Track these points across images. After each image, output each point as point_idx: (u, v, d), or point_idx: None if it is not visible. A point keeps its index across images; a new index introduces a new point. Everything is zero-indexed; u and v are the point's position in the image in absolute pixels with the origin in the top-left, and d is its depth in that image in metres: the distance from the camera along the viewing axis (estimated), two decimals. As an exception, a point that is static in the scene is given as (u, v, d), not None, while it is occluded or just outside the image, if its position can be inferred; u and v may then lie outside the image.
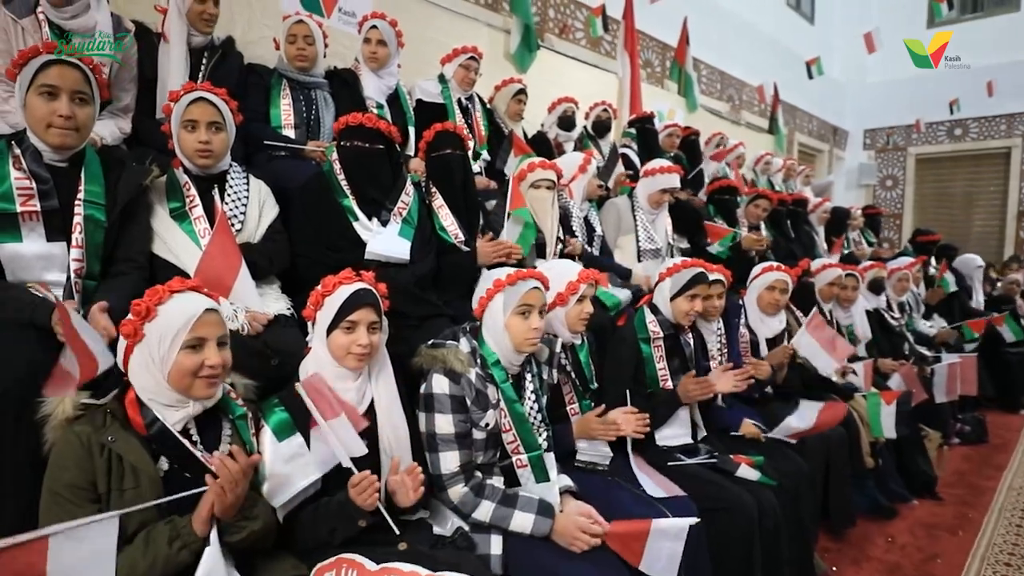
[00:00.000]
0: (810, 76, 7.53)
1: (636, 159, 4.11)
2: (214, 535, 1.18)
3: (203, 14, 2.31)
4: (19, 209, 1.52)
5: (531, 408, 1.77)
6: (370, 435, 1.51)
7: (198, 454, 1.27)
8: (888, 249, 5.78)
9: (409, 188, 2.18)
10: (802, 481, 2.36)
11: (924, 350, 4.34)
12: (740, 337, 2.85)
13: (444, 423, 1.62)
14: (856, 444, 2.95)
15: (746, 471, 2.12)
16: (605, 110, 4.12)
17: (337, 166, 2.08)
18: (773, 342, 2.90)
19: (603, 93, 4.97)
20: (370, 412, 1.53)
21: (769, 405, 2.77)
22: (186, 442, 1.25)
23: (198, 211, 1.78)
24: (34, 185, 1.54)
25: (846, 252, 5.32)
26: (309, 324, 1.54)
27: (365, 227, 2.04)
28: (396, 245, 2.05)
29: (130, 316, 1.24)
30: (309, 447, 1.41)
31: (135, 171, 1.72)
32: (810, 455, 2.54)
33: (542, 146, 3.60)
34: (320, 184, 2.07)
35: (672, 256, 3.39)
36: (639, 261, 3.23)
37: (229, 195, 1.88)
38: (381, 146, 2.14)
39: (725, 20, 8.25)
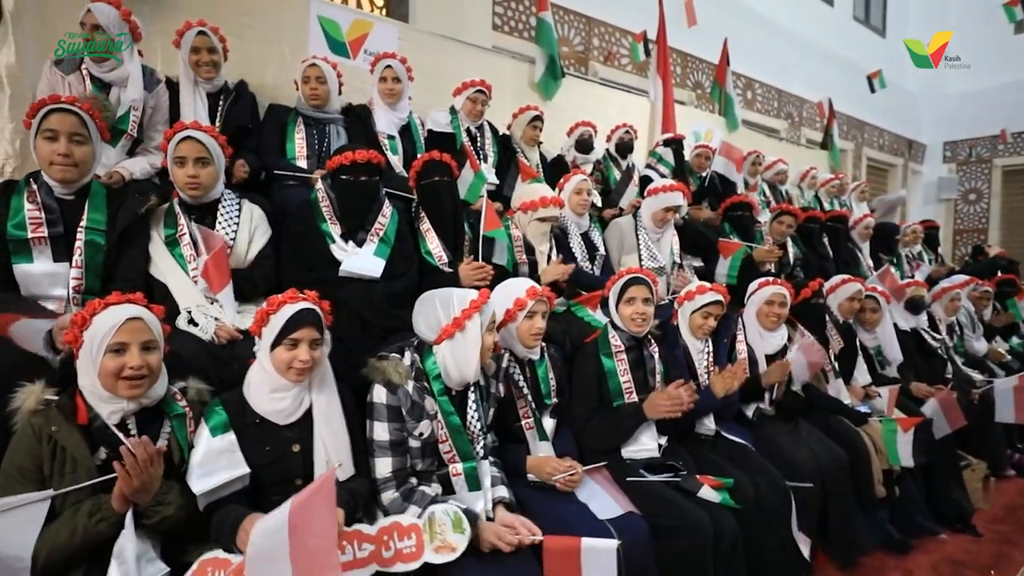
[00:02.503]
0: (872, 90, 7.01)
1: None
2: (129, 517, 1.28)
3: (199, 64, 2.50)
4: (30, 235, 1.73)
5: (472, 419, 1.77)
6: (305, 440, 1.58)
7: (127, 443, 1.35)
8: (944, 268, 5.22)
9: (387, 210, 2.25)
10: (783, 499, 2.20)
11: (976, 373, 3.89)
12: (738, 353, 2.70)
13: (381, 430, 1.66)
14: (866, 471, 2.69)
15: (708, 492, 2.00)
16: (627, 132, 4.05)
17: (321, 194, 2.19)
18: (773, 358, 2.72)
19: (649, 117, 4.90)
20: (307, 418, 1.59)
21: (765, 428, 2.59)
22: (120, 435, 1.36)
23: (187, 239, 1.93)
24: (43, 215, 1.75)
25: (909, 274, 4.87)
26: (256, 338, 1.61)
27: (341, 248, 2.13)
28: (369, 263, 2.12)
29: (73, 327, 1.37)
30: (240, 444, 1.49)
31: (134, 201, 1.91)
32: (800, 478, 2.35)
33: (559, 169, 3.59)
34: (304, 211, 2.19)
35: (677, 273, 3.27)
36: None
37: (221, 222, 2.02)
38: (376, 177, 2.24)
39: (783, 39, 7.92)
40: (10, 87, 2.42)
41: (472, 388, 1.79)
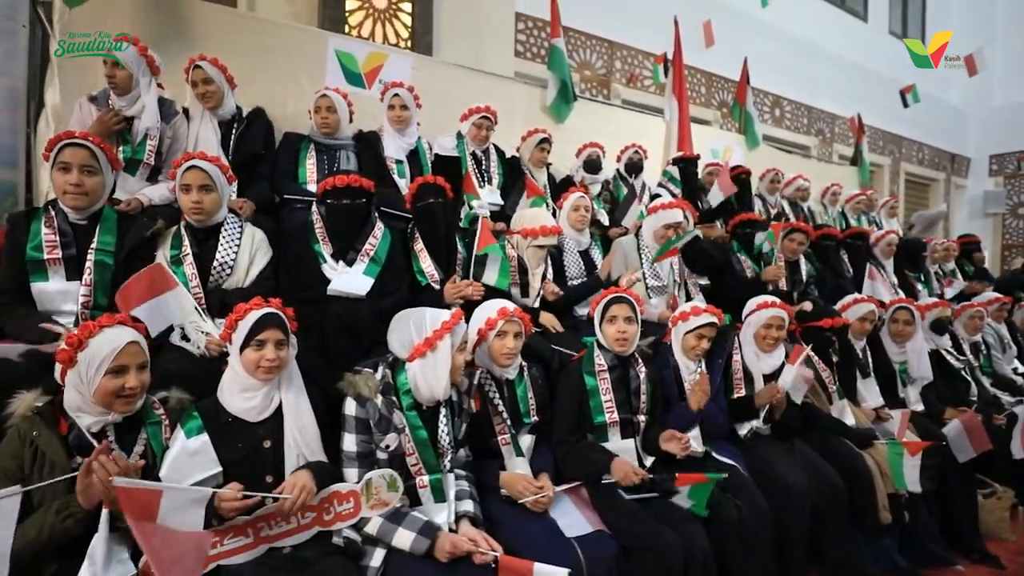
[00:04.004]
0: (905, 104, 6.69)
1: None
2: (104, 518, 1.32)
3: (201, 95, 2.60)
4: (46, 256, 1.86)
5: (442, 433, 1.77)
6: (276, 435, 1.62)
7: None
8: (980, 284, 4.87)
9: (378, 231, 2.30)
10: (764, 523, 2.09)
11: (1006, 395, 3.61)
12: (734, 373, 2.60)
13: (349, 442, 1.69)
14: (868, 495, 2.53)
15: (681, 499, 1.94)
16: (637, 152, 4.01)
17: (315, 217, 2.26)
18: (771, 377, 2.60)
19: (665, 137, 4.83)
20: (277, 415, 1.64)
21: (758, 448, 2.47)
22: (95, 443, 1.42)
23: (189, 259, 2.03)
24: (58, 238, 1.87)
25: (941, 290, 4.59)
26: (228, 344, 1.67)
27: (331, 268, 2.18)
28: (356, 282, 2.17)
29: (64, 346, 1.45)
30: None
31: (142, 224, 2.03)
32: (790, 501, 2.23)
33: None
34: (301, 233, 2.26)
35: (680, 292, 3.19)
36: (648, 298, 3.08)
37: (223, 243, 2.10)
38: (363, 200, 2.30)
39: (814, 56, 7.68)
40: (54, 122, 2.61)
41: (443, 403, 1.79)
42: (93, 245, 1.91)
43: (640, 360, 2.26)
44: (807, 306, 3.44)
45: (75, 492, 1.36)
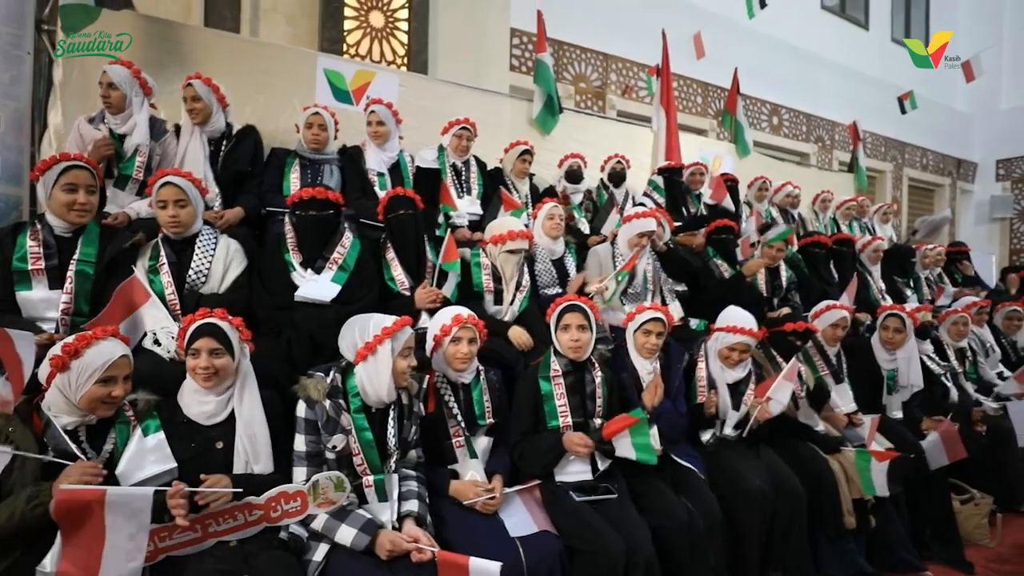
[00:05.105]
0: (903, 111, 6.56)
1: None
2: None
3: (188, 111, 2.67)
4: (30, 267, 1.95)
5: (391, 435, 1.80)
6: (228, 438, 1.68)
7: (74, 448, 1.52)
8: (973, 290, 4.75)
9: (346, 240, 2.35)
10: (714, 526, 2.08)
11: (989, 400, 3.51)
12: (698, 380, 2.58)
13: (299, 442, 1.73)
14: (833, 501, 2.49)
15: (625, 449, 2.02)
16: (619, 161, 4.02)
17: (287, 227, 2.33)
18: (735, 386, 2.58)
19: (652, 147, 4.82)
20: (231, 420, 1.70)
21: (721, 453, 2.44)
22: (68, 439, 1.50)
23: (165, 268, 2.11)
24: (41, 250, 1.96)
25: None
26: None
27: (300, 275, 2.25)
28: (323, 289, 2.22)
29: (59, 352, 1.54)
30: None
31: (122, 236, 2.11)
32: (748, 506, 2.22)
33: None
34: (274, 242, 2.33)
35: (656, 298, 3.18)
36: (623, 305, 3.07)
37: (197, 253, 2.18)
38: (332, 211, 2.36)
39: (814, 64, 7.58)
40: (56, 142, 2.74)
41: (393, 406, 1.83)
42: (75, 256, 1.99)
43: (597, 365, 2.27)
44: (785, 311, 3.42)
45: (47, 481, 1.44)
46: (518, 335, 2.55)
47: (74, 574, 1.31)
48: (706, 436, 2.49)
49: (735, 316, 2.58)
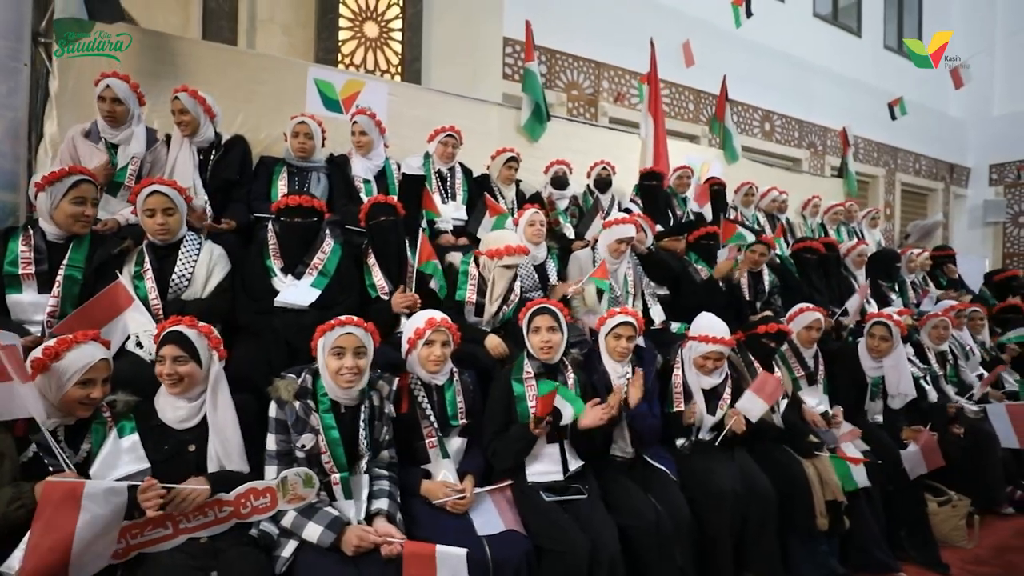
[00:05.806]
0: (893, 117, 6.55)
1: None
2: None
3: (177, 124, 2.73)
4: (21, 271, 2.00)
5: (361, 435, 1.83)
6: (200, 442, 1.71)
7: (55, 447, 1.56)
8: (956, 293, 4.73)
9: (327, 246, 2.38)
10: (682, 526, 2.10)
11: (969, 403, 3.50)
12: (674, 387, 2.59)
13: (270, 441, 1.77)
14: (806, 502, 2.49)
15: (566, 410, 2.04)
16: (605, 168, 4.05)
17: (270, 234, 2.37)
18: (711, 392, 2.59)
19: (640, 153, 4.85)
20: (203, 425, 1.73)
21: (694, 456, 2.45)
22: (50, 437, 1.54)
23: (149, 274, 2.15)
24: (32, 255, 2.01)
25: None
26: None
27: (280, 281, 2.28)
28: (302, 294, 2.26)
29: (40, 355, 1.58)
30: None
31: (109, 243, 2.16)
32: (718, 508, 2.23)
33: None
34: (256, 248, 2.37)
35: (637, 302, 3.20)
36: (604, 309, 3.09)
37: (181, 259, 2.22)
38: (315, 218, 2.40)
39: (807, 71, 7.59)
40: (52, 150, 2.79)
41: (363, 407, 1.86)
42: (65, 261, 2.04)
43: (570, 367, 2.29)
44: (767, 314, 3.42)
45: (28, 481, 1.47)
46: (495, 344, 2.52)
47: (40, 573, 1.33)
48: (680, 441, 2.50)
49: (708, 325, 2.59)
